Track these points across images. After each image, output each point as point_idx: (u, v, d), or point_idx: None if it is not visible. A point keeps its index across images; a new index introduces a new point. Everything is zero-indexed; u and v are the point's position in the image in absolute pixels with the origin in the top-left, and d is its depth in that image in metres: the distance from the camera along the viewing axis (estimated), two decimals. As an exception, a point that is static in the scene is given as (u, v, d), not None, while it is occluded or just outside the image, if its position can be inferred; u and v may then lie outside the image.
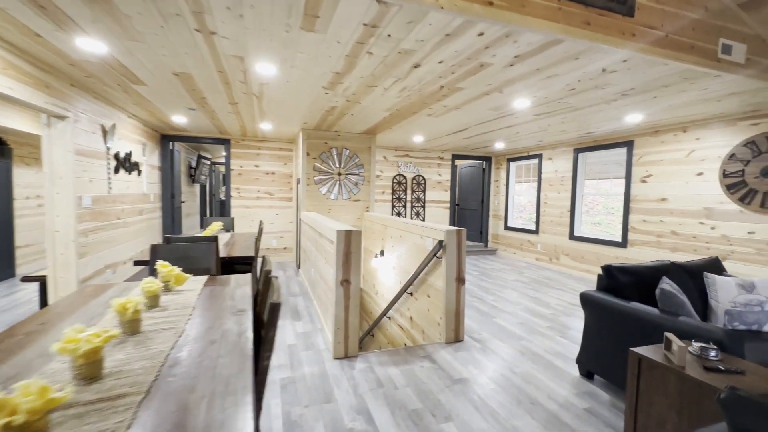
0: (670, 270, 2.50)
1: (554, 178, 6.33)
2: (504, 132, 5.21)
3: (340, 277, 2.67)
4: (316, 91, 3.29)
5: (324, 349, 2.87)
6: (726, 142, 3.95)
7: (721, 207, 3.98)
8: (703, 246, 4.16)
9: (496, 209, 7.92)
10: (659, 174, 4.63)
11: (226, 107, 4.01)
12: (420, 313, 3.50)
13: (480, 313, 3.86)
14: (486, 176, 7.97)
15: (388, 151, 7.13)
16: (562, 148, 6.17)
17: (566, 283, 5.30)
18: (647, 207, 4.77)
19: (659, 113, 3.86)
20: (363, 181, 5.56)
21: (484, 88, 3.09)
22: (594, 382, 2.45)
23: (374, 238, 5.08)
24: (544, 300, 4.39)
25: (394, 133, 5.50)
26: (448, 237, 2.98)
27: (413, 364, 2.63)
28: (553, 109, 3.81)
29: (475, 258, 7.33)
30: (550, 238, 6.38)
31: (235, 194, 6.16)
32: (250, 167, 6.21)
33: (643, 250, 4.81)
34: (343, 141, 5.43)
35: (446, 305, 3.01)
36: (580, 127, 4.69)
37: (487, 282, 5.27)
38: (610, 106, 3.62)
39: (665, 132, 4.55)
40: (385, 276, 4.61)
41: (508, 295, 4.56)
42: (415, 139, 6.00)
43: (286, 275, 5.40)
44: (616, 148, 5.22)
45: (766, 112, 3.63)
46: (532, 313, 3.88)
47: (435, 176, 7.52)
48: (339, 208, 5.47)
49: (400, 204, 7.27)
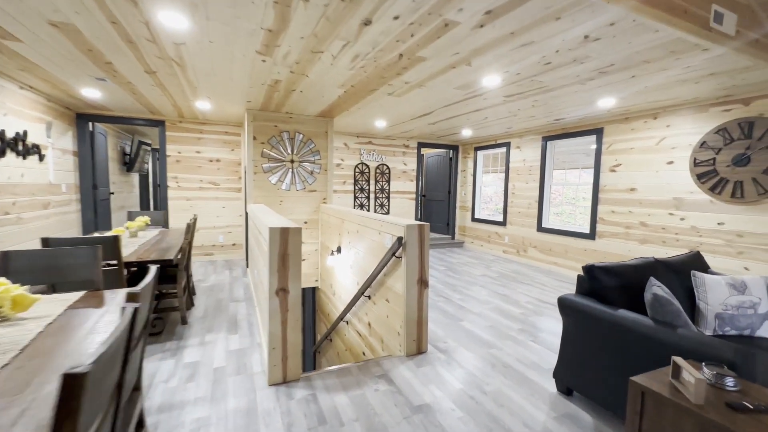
0: (656, 269, 2.21)
1: (522, 167, 6.08)
2: (472, 117, 4.84)
3: (276, 285, 2.15)
4: (249, 56, 2.70)
5: (260, 371, 2.35)
6: (697, 130, 3.78)
7: (691, 197, 3.84)
8: (672, 238, 4.02)
9: (464, 200, 7.63)
10: (629, 163, 4.45)
11: (143, 78, 3.31)
12: (379, 319, 3.07)
13: (446, 315, 3.49)
14: (453, 166, 7.65)
15: (350, 137, 6.59)
16: (530, 136, 5.92)
17: (534, 277, 5.08)
18: (616, 197, 4.59)
19: (633, 97, 3.61)
20: (319, 170, 5.01)
21: (450, 58, 2.65)
22: (573, 399, 2.12)
23: (332, 233, 4.57)
24: (514, 297, 4.10)
25: (353, 116, 4.97)
26: (409, 233, 2.54)
27: (366, 387, 2.18)
28: (524, 90, 3.45)
29: (442, 251, 7.01)
30: (517, 230, 6.17)
31: (173, 184, 5.39)
32: (191, 153, 5.45)
33: (611, 242, 4.65)
34: (296, 124, 4.83)
35: (407, 312, 2.58)
36: (551, 112, 4.40)
37: (454, 278, 4.94)
38: (585, 87, 3.31)
39: (636, 119, 4.36)
40: (343, 276, 4.13)
41: (476, 293, 4.24)
42: (377, 124, 5.51)
43: (233, 276, 4.78)
44: (586, 135, 5.01)
45: (739, 97, 3.47)
46: (502, 313, 3.56)
47: (400, 165, 7.08)
48: (292, 200, 4.90)
49: (363, 195, 6.77)
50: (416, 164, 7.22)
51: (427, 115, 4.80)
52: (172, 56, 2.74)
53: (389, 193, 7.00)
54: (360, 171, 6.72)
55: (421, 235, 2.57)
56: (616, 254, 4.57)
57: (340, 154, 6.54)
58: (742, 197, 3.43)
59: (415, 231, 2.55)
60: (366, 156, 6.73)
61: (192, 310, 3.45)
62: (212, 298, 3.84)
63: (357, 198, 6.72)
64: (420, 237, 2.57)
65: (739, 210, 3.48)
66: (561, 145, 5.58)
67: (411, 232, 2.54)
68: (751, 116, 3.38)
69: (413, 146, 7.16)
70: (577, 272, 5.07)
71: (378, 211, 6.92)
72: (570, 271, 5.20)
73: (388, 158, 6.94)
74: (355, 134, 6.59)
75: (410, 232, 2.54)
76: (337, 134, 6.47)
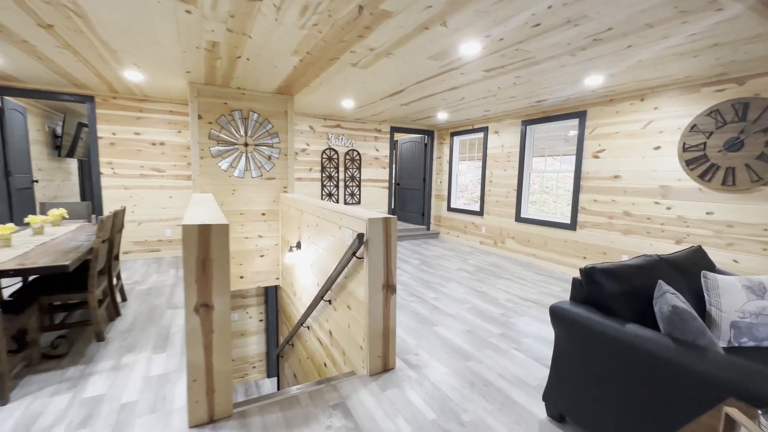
0: (662, 269, 1.87)
1: (500, 153, 5.74)
2: (448, 97, 4.39)
3: (195, 299, 1.64)
4: (168, 5, 2.11)
5: (182, 407, 1.86)
6: (687, 112, 3.51)
7: (679, 185, 3.59)
8: (657, 228, 3.78)
9: (439, 189, 7.25)
10: (613, 148, 4.16)
11: (41, 36, 2.63)
12: (340, 328, 2.62)
13: (418, 319, 3.09)
14: (428, 152, 7.22)
15: (315, 120, 6.00)
16: (509, 120, 5.56)
17: (513, 270, 4.78)
18: (599, 185, 4.32)
19: (623, 74, 3.27)
20: (278, 155, 4.44)
21: (421, 14, 2.17)
22: (566, 427, 1.77)
23: (292, 226, 4.06)
24: (492, 294, 3.76)
25: (317, 94, 4.42)
26: (372, 229, 2.08)
27: (317, 423, 1.74)
28: (507, 62, 3.02)
29: (416, 243, 6.63)
30: (495, 219, 5.85)
31: (107, 171, 4.67)
32: (128, 135, 4.72)
33: (593, 233, 4.39)
34: (250, 102, 4.22)
35: (370, 324, 2.15)
36: (533, 92, 4.02)
37: (429, 273, 4.56)
38: (574, 60, 2.93)
39: (621, 100, 4.06)
40: (303, 275, 3.64)
41: (452, 291, 3.87)
42: (344, 104, 4.97)
43: (178, 275, 4.18)
44: (568, 119, 4.69)
45: (734, 76, 3.20)
46: (480, 314, 3.20)
47: (371, 151, 6.58)
48: (247, 188, 4.32)
49: (332, 183, 6.25)
50: (389, 150, 6.74)
51: (399, 94, 4.32)
52: (64, 1, 2.10)
53: (360, 182, 6.51)
54: (328, 157, 6.17)
55: (387, 231, 2.12)
56: (598, 246, 4.32)
57: (305, 138, 5.95)
58: (734, 185, 3.19)
59: (379, 226, 2.09)
60: (334, 141, 6.17)
61: (115, 321, 2.87)
62: (146, 304, 3.26)
63: (325, 187, 6.19)
64: (386, 233, 2.12)
65: (730, 198, 3.24)
66: (541, 131, 5.25)
67: (374, 228, 2.08)
68: (746, 97, 3.12)
69: (386, 130, 6.66)
70: (558, 264, 4.82)
71: (348, 201, 6.43)
72: (549, 264, 4.94)
73: (358, 143, 6.42)
74: (321, 116, 6.01)
75: (373, 227, 2.08)
76: (301, 116, 5.87)
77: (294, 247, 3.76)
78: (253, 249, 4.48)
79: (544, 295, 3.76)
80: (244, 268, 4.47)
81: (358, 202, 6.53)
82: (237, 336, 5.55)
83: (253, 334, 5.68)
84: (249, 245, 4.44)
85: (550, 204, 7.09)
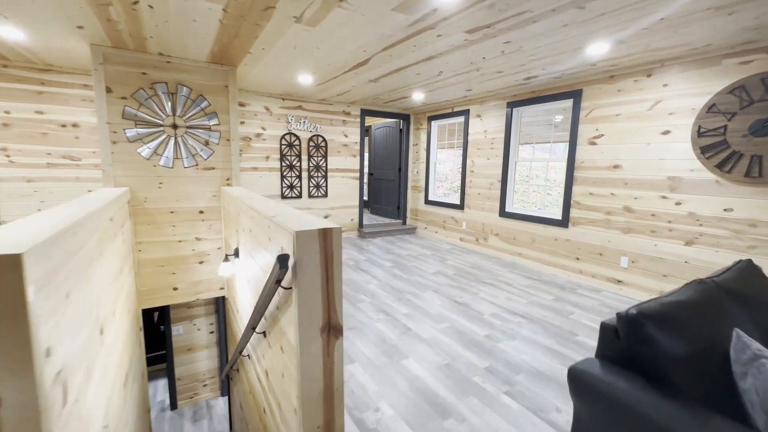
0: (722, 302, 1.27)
1: (483, 140, 5.11)
2: (423, 71, 3.69)
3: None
4: None
5: None
6: (704, 89, 2.96)
7: (691, 176, 3.06)
8: (663, 227, 3.26)
9: (416, 179, 6.60)
10: (613, 133, 3.60)
11: None
12: (275, 372, 1.93)
13: (384, 349, 2.44)
14: (404, 139, 6.53)
15: (272, 100, 5.18)
16: (493, 101, 4.92)
17: (497, 273, 4.21)
18: (595, 176, 3.76)
19: (634, 40, 2.66)
20: (218, 139, 3.63)
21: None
22: None
23: (231, 229, 3.30)
24: (475, 307, 3.16)
25: (265, 66, 3.63)
26: (302, 247, 1.38)
27: None
28: (496, 18, 2.35)
29: (391, 240, 5.98)
30: (477, 214, 5.26)
31: (2, 159, 3.73)
32: (28, 114, 3.78)
33: (588, 230, 3.85)
34: (178, 73, 3.38)
35: (302, 383, 1.47)
36: (523, 65, 3.38)
37: (402, 279, 3.92)
38: (582, 15, 2.28)
39: (624, 77, 3.47)
40: (242, 291, 2.92)
41: (428, 303, 3.24)
42: (302, 79, 4.18)
43: (92, 290, 3.36)
44: (560, 100, 4.09)
45: (763, 44, 2.64)
46: (461, 337, 2.59)
47: (339, 137, 5.82)
48: (177, 181, 3.51)
49: (293, 174, 5.47)
50: (360, 136, 5.99)
51: (365, 66, 3.58)
52: None
53: (327, 172, 5.76)
54: (288, 143, 5.37)
55: (327, 250, 1.43)
56: (593, 245, 3.79)
57: (259, 121, 5.13)
58: (760, 176, 2.67)
59: (313, 243, 1.39)
60: (295, 124, 5.37)
61: None
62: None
63: (285, 178, 5.41)
64: (324, 253, 1.42)
65: (754, 193, 2.73)
66: (528, 114, 4.65)
67: (306, 246, 1.38)
68: (779, 69, 2.58)
69: (355, 113, 5.90)
70: (546, 265, 4.28)
71: (313, 194, 5.67)
72: (537, 264, 4.40)
73: (324, 128, 5.64)
74: (278, 95, 5.19)
75: (304, 244, 1.38)
76: (254, 94, 5.03)
77: (230, 256, 3.01)
78: (190, 254, 3.70)
79: (534, 307, 3.20)
80: (179, 277, 3.68)
81: (324, 195, 5.79)
82: (184, 351, 4.79)
83: (202, 348, 4.93)
84: (183, 250, 3.65)
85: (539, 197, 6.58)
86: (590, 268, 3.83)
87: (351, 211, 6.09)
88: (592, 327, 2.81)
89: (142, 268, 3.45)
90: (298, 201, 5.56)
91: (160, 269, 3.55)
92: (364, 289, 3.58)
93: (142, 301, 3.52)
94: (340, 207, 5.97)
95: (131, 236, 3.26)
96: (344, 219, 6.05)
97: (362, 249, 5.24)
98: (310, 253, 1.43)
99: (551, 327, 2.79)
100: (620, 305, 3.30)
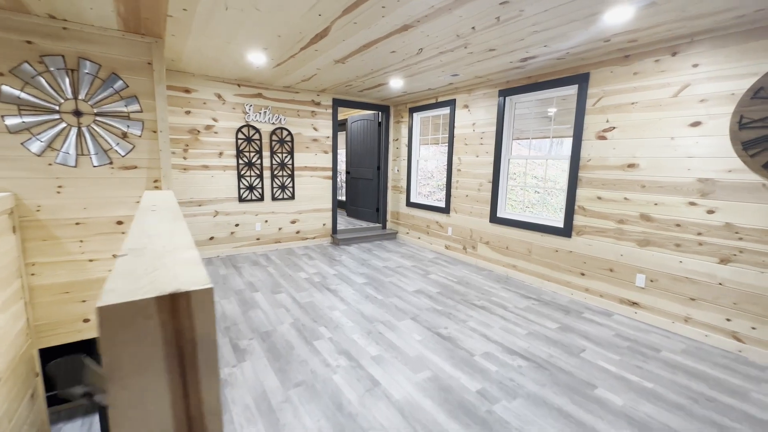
0: None
1: (471, 134, 4.46)
2: (399, 48, 3.00)
3: None
4: None
5: None
6: (746, 70, 2.36)
7: (729, 178, 2.47)
8: (691, 240, 2.67)
9: (396, 179, 5.92)
10: (627, 126, 2.99)
11: None
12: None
13: (337, 419, 1.76)
14: (383, 133, 5.83)
15: (225, 85, 4.40)
16: (483, 89, 4.27)
17: (489, 290, 3.57)
18: (605, 177, 3.15)
19: (667, 1, 2.03)
20: (140, 130, 2.86)
21: None
22: None
23: (149, 246, 2.54)
24: (464, 344, 2.51)
25: (198, 37, 2.88)
26: (115, 340, 0.67)
27: None
28: (492, -40, 1.67)
29: (368, 247, 5.29)
30: (464, 219, 4.62)
31: None
32: None
33: (595, 241, 3.25)
34: (79, 43, 2.59)
35: None
36: (521, 39, 2.73)
37: (375, 301, 3.24)
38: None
39: (643, 56, 2.86)
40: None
41: (404, 338, 2.57)
42: (253, 58, 3.44)
43: (-33, 326, 2.56)
44: (562, 86, 3.47)
45: (831, 9, 2.05)
46: (446, 398, 1.93)
47: (308, 131, 5.08)
48: (83, 183, 2.73)
49: (253, 173, 4.71)
50: (332, 129, 5.27)
51: (325, 38, 2.86)
52: None
53: (293, 170, 5.01)
54: (246, 137, 4.60)
55: (179, 340, 0.72)
56: (602, 259, 3.19)
57: (210, 111, 4.35)
58: (825, 180, 2.09)
59: (144, 329, 0.69)
60: (254, 115, 4.61)
61: None
62: None
63: (243, 178, 4.64)
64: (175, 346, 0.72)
65: (815, 200, 2.15)
66: (524, 106, 4.02)
67: (126, 337, 0.68)
68: None
69: (326, 104, 5.17)
70: (546, 281, 3.67)
71: (278, 197, 4.93)
72: (534, 279, 3.79)
73: (290, 120, 4.89)
74: (233, 81, 4.42)
75: (121, 334, 0.67)
76: (202, 78, 4.25)
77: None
78: (106, 277, 2.92)
79: (536, 341, 2.57)
80: (90, 305, 2.91)
81: (291, 197, 5.05)
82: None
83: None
84: (96, 272, 2.88)
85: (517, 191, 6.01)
86: (598, 287, 3.23)
87: (323, 215, 5.37)
88: (611, 372, 2.20)
89: (37, 296, 2.67)
90: (260, 204, 4.81)
91: (64, 296, 2.77)
92: (325, 318, 2.89)
93: (39, 339, 2.74)
94: (310, 210, 5.25)
95: (16, 256, 2.47)
96: (315, 224, 5.33)
97: (333, 260, 4.54)
98: (136, 353, 0.67)
99: (561, 375, 2.16)
100: (638, 334, 2.71)
